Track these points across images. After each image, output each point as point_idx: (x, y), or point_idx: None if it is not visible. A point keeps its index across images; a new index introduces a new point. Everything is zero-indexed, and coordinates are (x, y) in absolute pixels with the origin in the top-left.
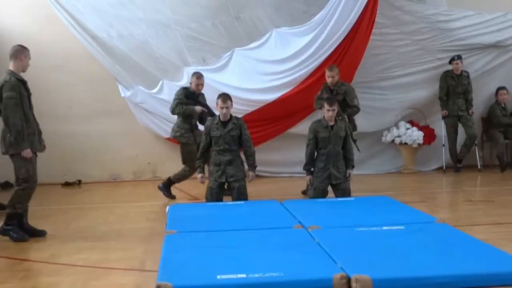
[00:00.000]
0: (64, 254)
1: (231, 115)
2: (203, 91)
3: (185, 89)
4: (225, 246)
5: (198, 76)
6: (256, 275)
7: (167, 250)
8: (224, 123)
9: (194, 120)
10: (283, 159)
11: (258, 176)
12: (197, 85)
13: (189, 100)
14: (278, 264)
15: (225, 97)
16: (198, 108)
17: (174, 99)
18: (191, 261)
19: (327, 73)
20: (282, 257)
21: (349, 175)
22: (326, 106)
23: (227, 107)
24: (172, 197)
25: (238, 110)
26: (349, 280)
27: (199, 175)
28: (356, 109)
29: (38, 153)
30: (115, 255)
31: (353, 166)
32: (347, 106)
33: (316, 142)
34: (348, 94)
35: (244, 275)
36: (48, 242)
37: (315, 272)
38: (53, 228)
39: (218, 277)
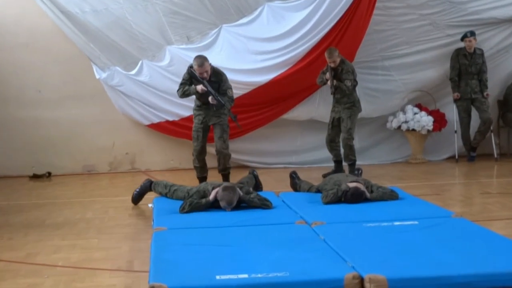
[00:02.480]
0: (41, 253)
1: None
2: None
3: (191, 68)
4: (222, 244)
5: (198, 63)
6: (259, 275)
7: (157, 248)
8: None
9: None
10: (276, 148)
11: (249, 168)
12: (200, 73)
13: (195, 80)
14: (282, 263)
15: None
16: (199, 87)
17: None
18: (186, 261)
19: (327, 59)
20: (286, 255)
21: None
22: None
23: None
24: None
25: None
26: (362, 280)
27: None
28: (345, 88)
29: None
30: (98, 254)
31: None
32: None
33: None
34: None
35: (246, 275)
36: (23, 241)
37: (324, 271)
38: (26, 225)
39: (217, 277)
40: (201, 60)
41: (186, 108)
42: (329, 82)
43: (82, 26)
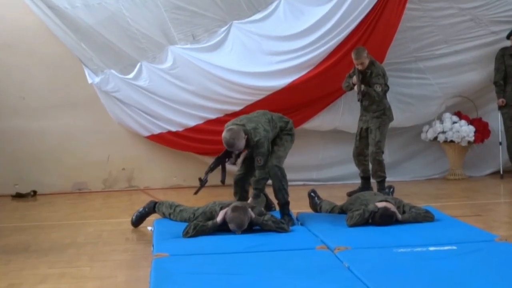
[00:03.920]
0: (25, 283)
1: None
2: None
3: None
4: (231, 273)
5: (229, 143)
6: None
7: (157, 278)
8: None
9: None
10: (295, 162)
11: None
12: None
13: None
14: None
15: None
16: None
17: None
18: None
19: (354, 60)
20: (305, 285)
21: None
22: None
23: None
24: None
25: (238, 100)
26: None
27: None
28: (374, 94)
29: None
30: (91, 284)
31: None
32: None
33: None
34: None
35: None
36: (4, 269)
37: None
38: (8, 251)
39: None
40: (227, 137)
41: (191, 117)
42: (356, 88)
43: (73, 24)
